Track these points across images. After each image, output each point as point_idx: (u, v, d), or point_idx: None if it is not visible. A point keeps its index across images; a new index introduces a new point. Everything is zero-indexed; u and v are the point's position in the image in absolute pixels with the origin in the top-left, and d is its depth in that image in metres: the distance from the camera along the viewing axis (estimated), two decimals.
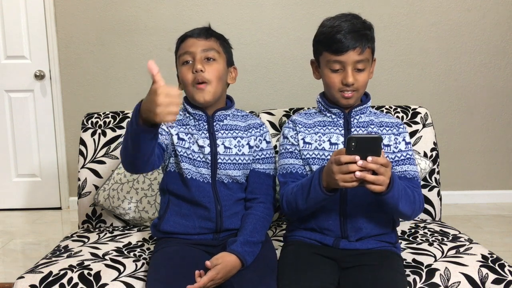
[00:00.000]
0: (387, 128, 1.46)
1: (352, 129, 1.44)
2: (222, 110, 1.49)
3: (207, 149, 1.45)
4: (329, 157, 1.42)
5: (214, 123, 1.48)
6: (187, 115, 1.50)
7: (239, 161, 1.48)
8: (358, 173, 1.17)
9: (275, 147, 1.87)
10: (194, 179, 1.45)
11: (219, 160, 1.45)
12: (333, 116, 1.47)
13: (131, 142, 1.18)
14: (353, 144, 1.16)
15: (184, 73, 1.44)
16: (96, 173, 1.89)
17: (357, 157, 1.16)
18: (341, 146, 1.43)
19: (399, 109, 1.95)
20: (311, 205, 1.35)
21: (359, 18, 1.42)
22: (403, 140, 1.46)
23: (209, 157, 1.45)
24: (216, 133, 1.48)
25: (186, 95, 1.51)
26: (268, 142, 1.55)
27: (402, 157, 1.44)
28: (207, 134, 1.47)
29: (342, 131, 1.45)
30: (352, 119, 1.45)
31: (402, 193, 1.28)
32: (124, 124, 1.93)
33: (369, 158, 1.16)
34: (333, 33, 1.36)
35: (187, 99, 1.51)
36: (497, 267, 1.43)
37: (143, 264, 1.47)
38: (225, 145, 1.47)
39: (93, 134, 1.91)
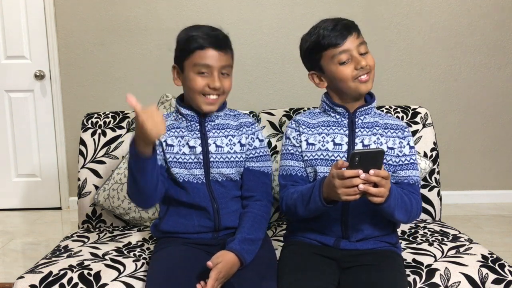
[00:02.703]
0: (392, 131, 1.45)
1: (357, 130, 1.43)
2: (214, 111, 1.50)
3: (199, 149, 1.46)
4: (333, 157, 1.42)
5: (206, 124, 1.49)
6: (179, 116, 1.50)
7: (231, 159, 1.48)
8: (361, 186, 1.18)
9: (275, 147, 1.87)
10: (188, 181, 1.46)
11: (211, 159, 1.46)
12: (338, 116, 1.46)
13: (139, 175, 1.31)
14: (356, 159, 1.17)
15: (197, 82, 1.42)
16: (96, 173, 1.89)
17: (360, 171, 1.18)
18: (345, 147, 1.42)
19: (399, 109, 1.95)
20: (310, 213, 1.36)
21: (332, 18, 1.42)
22: (408, 144, 1.45)
23: (201, 157, 1.46)
24: (208, 132, 1.49)
25: (184, 96, 1.51)
26: (261, 140, 1.55)
27: (406, 162, 1.43)
28: (199, 134, 1.48)
29: (347, 132, 1.44)
30: (356, 120, 1.44)
31: (398, 202, 1.29)
32: (124, 124, 1.93)
33: (371, 171, 1.18)
34: (323, 33, 1.38)
35: (179, 100, 1.52)
36: (497, 267, 1.43)
37: (143, 264, 1.47)
38: (217, 144, 1.48)
39: (93, 134, 1.91)
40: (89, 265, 1.44)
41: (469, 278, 1.38)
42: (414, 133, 1.89)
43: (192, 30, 1.45)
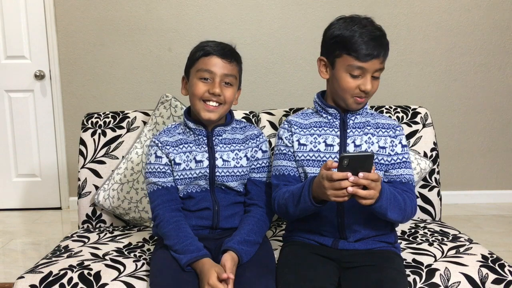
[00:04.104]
0: (383, 130, 1.45)
1: (348, 130, 1.44)
2: (221, 126, 1.51)
3: (206, 163, 1.48)
4: (324, 158, 1.42)
5: (213, 138, 1.50)
6: (187, 130, 1.52)
7: (237, 173, 1.50)
8: (350, 189, 1.19)
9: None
10: (190, 192, 1.49)
11: (217, 173, 1.48)
12: (329, 117, 1.46)
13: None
14: (345, 162, 1.18)
15: (198, 86, 1.44)
16: (96, 173, 1.89)
17: (349, 174, 1.18)
18: (336, 148, 1.42)
19: (399, 109, 1.95)
20: (301, 213, 1.36)
21: (374, 24, 1.38)
22: (400, 142, 1.44)
23: (208, 170, 1.48)
24: (215, 147, 1.50)
25: (190, 107, 1.52)
26: (264, 151, 1.56)
27: (398, 160, 1.43)
28: (206, 148, 1.50)
29: (338, 132, 1.44)
30: (348, 120, 1.44)
31: (391, 201, 1.29)
32: (124, 124, 1.93)
33: (361, 174, 1.18)
34: (357, 38, 1.33)
35: (187, 113, 1.53)
36: (497, 267, 1.43)
37: (143, 264, 1.47)
38: (223, 158, 1.50)
39: (93, 134, 1.91)
40: (89, 265, 1.44)
41: (469, 278, 1.38)
42: (414, 133, 1.89)
43: (204, 42, 1.49)
